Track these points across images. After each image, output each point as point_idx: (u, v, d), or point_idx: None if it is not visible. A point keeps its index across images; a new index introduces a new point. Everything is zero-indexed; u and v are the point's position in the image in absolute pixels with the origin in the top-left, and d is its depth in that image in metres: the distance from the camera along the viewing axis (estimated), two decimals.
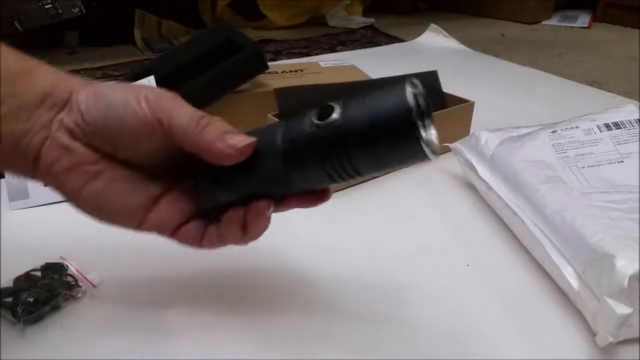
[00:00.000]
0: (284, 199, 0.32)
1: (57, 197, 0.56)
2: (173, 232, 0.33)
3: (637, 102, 0.76)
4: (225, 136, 0.28)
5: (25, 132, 0.29)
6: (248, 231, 0.31)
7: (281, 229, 0.51)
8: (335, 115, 0.27)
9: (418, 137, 0.26)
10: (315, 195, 0.32)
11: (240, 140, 0.28)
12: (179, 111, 0.29)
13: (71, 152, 0.29)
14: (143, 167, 0.31)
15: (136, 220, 0.32)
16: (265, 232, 0.50)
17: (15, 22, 0.96)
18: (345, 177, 0.28)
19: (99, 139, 0.30)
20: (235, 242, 0.32)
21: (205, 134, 0.28)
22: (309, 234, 0.50)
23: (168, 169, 0.32)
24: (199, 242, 0.33)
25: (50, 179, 0.30)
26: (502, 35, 1.53)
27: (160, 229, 0.33)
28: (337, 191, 0.58)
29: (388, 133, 0.26)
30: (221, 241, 0.33)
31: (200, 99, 0.37)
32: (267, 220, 0.31)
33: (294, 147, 0.28)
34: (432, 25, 1.40)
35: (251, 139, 0.29)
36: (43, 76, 0.30)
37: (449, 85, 0.71)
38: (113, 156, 0.30)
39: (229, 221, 0.31)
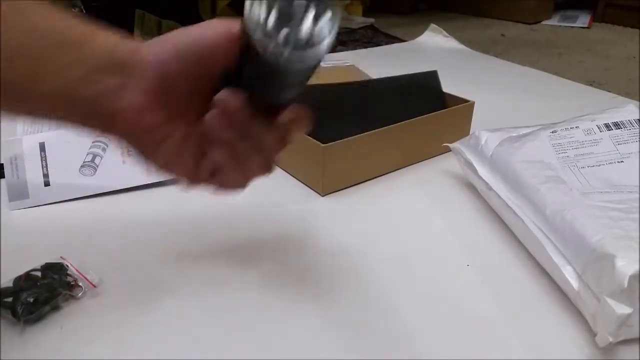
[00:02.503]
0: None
1: (57, 197, 0.56)
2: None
3: (637, 102, 0.76)
4: None
5: (97, 96, 0.30)
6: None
7: (280, 229, 0.51)
8: None
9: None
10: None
11: None
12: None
13: (143, 117, 0.31)
14: (196, 115, 0.33)
15: (189, 174, 0.35)
16: (266, 233, 0.50)
17: None
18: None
19: (172, 87, 0.31)
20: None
21: None
22: (308, 233, 0.50)
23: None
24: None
25: (125, 141, 0.33)
26: (502, 35, 1.53)
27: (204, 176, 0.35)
28: (337, 190, 0.58)
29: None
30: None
31: None
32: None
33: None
34: (432, 25, 1.40)
35: None
36: (104, 40, 0.30)
37: (449, 85, 0.71)
38: (177, 110, 0.32)
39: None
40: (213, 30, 0.30)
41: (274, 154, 0.34)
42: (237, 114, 0.31)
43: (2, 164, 0.58)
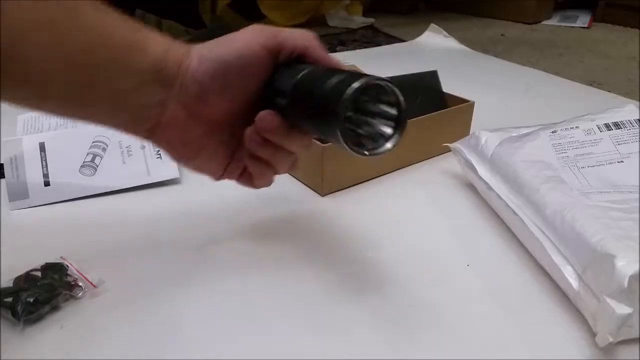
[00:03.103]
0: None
1: (57, 197, 0.56)
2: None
3: (637, 102, 0.76)
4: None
5: (142, 107, 0.32)
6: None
7: (280, 229, 0.51)
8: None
9: (339, 127, 0.28)
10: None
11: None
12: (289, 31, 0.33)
13: (184, 131, 0.33)
14: (231, 124, 0.35)
15: (218, 175, 0.38)
16: (266, 233, 0.50)
17: None
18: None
19: (212, 104, 0.33)
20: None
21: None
22: (308, 233, 0.50)
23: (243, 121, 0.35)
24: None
25: (162, 149, 0.35)
26: (502, 35, 1.53)
27: (231, 176, 0.39)
28: (337, 190, 0.58)
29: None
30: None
31: None
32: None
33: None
34: (432, 25, 1.40)
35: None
36: (154, 48, 0.31)
37: (449, 85, 0.71)
38: (214, 122, 0.34)
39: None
40: (256, 42, 0.31)
41: (300, 154, 0.36)
42: (274, 136, 0.32)
43: (2, 164, 0.58)
